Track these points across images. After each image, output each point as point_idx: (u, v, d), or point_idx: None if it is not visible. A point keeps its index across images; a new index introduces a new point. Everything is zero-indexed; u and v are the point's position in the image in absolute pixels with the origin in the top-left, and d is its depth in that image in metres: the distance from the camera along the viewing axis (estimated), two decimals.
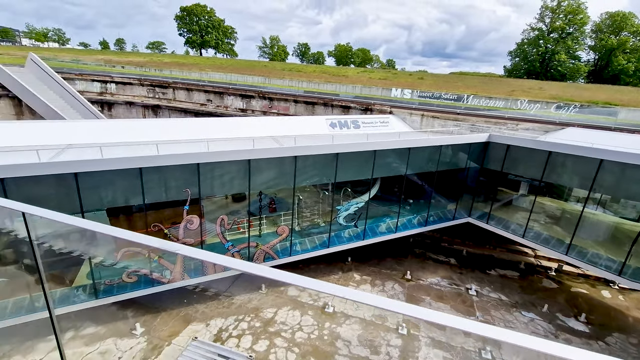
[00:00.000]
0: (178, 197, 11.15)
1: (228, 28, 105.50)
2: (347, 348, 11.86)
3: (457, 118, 21.00)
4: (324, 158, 12.92)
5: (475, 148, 16.24)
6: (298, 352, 11.44)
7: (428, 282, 16.10)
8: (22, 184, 9.00)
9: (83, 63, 40.12)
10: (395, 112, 22.66)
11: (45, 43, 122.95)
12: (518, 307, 14.74)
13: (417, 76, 50.26)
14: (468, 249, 18.77)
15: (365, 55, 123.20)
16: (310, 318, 13.06)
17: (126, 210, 11.42)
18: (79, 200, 9.66)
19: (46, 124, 16.32)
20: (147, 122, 19.45)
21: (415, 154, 14.71)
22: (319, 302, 14.08)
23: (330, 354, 11.53)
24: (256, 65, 55.20)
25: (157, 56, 71.47)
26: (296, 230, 14.04)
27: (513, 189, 17.65)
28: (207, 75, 35.98)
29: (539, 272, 17.43)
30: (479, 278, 16.54)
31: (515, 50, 71.47)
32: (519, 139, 15.06)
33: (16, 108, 27.95)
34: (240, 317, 12.89)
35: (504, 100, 25.02)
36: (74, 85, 29.67)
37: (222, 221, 12.15)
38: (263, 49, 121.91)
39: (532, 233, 15.39)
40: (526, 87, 38.05)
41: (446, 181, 16.75)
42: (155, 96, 30.93)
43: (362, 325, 13.01)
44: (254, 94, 27.65)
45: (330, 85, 32.59)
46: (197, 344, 8.74)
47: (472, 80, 48.19)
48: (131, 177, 10.09)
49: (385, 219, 16.04)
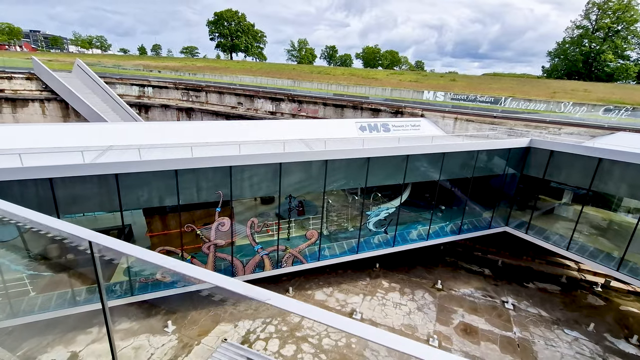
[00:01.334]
0: (210, 198, 11.34)
1: (257, 32, 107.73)
2: (376, 358, 11.54)
3: (493, 121, 20.05)
4: (355, 162, 12.70)
5: (515, 153, 15.37)
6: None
7: (460, 292, 15.41)
8: (69, 183, 9.47)
9: (123, 68, 42.33)
10: (427, 115, 22.01)
11: (90, 50, 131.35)
12: (560, 325, 13.75)
13: (448, 78, 48.77)
14: (504, 260, 17.81)
15: (394, 57, 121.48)
16: None
17: (161, 211, 11.76)
18: (119, 200, 10.04)
19: (89, 126, 17.25)
20: (180, 124, 20.10)
21: (450, 159, 14.14)
22: (346, 308, 13.84)
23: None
24: (285, 68, 55.84)
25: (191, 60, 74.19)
26: (325, 235, 13.89)
27: (555, 198, 16.56)
28: (237, 79, 36.81)
29: (583, 287, 16.21)
30: (516, 291, 15.63)
31: (555, 50, 67.62)
32: (566, 145, 14.05)
33: (63, 111, 29.90)
34: (268, 320, 12.90)
35: (545, 103, 23.58)
36: (115, 89, 31.32)
37: (253, 223, 12.23)
38: (291, 52, 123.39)
39: (577, 245, 14.32)
40: (569, 88, 35.80)
41: (482, 188, 15.99)
42: (189, 99, 32.00)
43: None
44: (283, 97, 27.89)
45: (360, 87, 32.25)
46: (226, 346, 8.79)
47: (508, 81, 46.06)
48: (167, 179, 10.38)
49: (416, 225, 15.54)
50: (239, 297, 1.63)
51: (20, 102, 28.88)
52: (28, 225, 2.22)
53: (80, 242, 1.96)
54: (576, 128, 18.35)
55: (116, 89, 31.78)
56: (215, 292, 13.52)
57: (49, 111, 29.72)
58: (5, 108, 28.42)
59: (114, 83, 32.28)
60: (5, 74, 28.45)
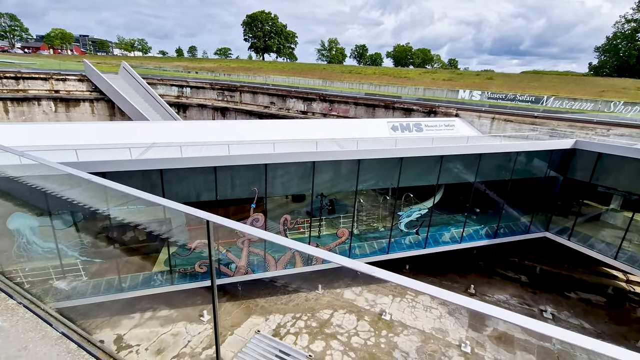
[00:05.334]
0: (245, 195, 11.75)
1: (289, 33, 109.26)
2: (404, 359, 11.45)
3: (534, 122, 19.11)
4: (388, 162, 12.64)
5: (558, 155, 14.58)
6: (354, 358, 11.33)
7: (495, 298, 14.89)
8: (117, 177, 10.21)
9: (163, 69, 44.56)
10: (462, 115, 21.37)
11: (132, 52, 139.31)
12: (605, 339, 12.92)
13: (484, 76, 46.89)
14: (542, 267, 16.95)
15: (426, 55, 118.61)
16: (367, 324, 12.86)
17: (199, 205, 12.34)
18: (162, 194, 10.68)
19: (134, 125, 18.41)
20: (217, 123, 20.91)
21: (486, 160, 13.69)
22: (375, 308, 13.81)
23: None
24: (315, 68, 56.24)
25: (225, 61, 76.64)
26: (355, 234, 13.94)
27: (602, 203, 15.50)
28: (270, 79, 37.61)
29: (632, 300, 15.11)
30: (556, 300, 14.85)
31: (604, 46, 63.07)
32: (616, 147, 13.11)
33: (110, 110, 32.04)
34: (298, 315, 13.16)
35: (592, 102, 22.05)
36: (156, 90, 33.09)
37: (286, 220, 12.53)
38: (321, 52, 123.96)
39: (626, 255, 13.36)
40: (620, 86, 33.27)
41: (520, 191, 15.30)
42: (224, 99, 33.16)
43: (421, 337, 12.45)
44: (315, 97, 28.17)
45: (392, 87, 31.87)
46: (259, 337, 9.11)
47: (550, 79, 43.54)
48: (207, 175, 10.89)
49: (449, 227, 15.18)
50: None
51: (73, 102, 31.28)
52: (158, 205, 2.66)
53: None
54: (627, 129, 17.09)
55: (157, 89, 33.56)
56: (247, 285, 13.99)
57: (98, 110, 31.95)
58: (60, 107, 30.90)
59: (155, 84, 34.11)
60: (61, 76, 30.95)
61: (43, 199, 9.23)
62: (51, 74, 30.71)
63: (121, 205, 11.64)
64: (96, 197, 10.15)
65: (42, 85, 30.39)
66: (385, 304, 13.98)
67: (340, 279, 15.31)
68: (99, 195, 10.13)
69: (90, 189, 10.39)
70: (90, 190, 10.32)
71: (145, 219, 12.05)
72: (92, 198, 10.27)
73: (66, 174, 3.23)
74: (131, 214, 12.75)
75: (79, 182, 10.01)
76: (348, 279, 15.27)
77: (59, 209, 9.97)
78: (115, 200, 10.55)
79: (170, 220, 13.09)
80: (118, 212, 10.87)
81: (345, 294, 14.56)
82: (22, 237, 10.05)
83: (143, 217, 12.52)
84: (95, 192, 10.19)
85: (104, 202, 10.23)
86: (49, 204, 9.56)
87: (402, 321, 13.19)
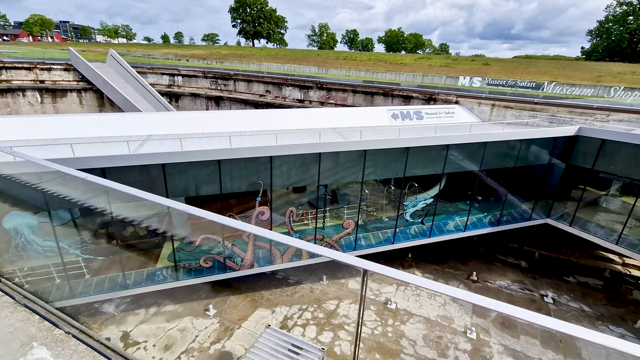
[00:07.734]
0: (250, 187, 11.50)
1: (280, 17, 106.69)
2: (413, 348, 11.57)
3: (534, 108, 19.07)
4: (394, 152, 12.47)
5: (561, 142, 14.59)
6: (363, 347, 11.41)
7: (497, 284, 15.10)
8: (116, 172, 9.81)
9: (152, 57, 43.13)
10: (462, 101, 21.22)
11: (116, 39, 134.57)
12: (604, 320, 13.27)
13: (480, 62, 46.61)
14: (541, 252, 17.22)
15: (418, 41, 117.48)
16: (373, 314, 12.93)
17: (202, 199, 12.06)
18: (165, 189, 10.36)
19: (127, 116, 17.77)
20: (213, 114, 20.37)
21: (491, 148, 13.63)
22: (380, 297, 13.88)
23: (396, 352, 11.33)
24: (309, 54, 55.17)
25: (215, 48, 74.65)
26: (360, 225, 13.86)
27: (603, 190, 15.67)
28: (264, 66, 36.74)
29: (628, 282, 15.50)
30: (556, 285, 15.13)
31: (596, 29, 63.15)
32: (620, 133, 13.13)
33: (98, 100, 30.98)
34: (304, 306, 13.16)
35: (591, 88, 22.07)
36: (147, 79, 32.03)
37: (292, 213, 12.36)
38: (312, 37, 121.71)
39: (628, 240, 13.59)
40: (614, 71, 33.42)
41: (523, 178, 15.35)
42: (218, 88, 32.31)
43: (427, 325, 12.59)
44: (312, 85, 27.63)
45: (389, 74, 31.42)
46: (270, 332, 9.01)
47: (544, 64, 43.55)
48: (210, 168, 10.57)
49: (453, 216, 15.21)
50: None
51: (60, 92, 30.12)
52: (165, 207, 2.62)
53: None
54: (626, 115, 17.16)
55: (147, 78, 32.50)
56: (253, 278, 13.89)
57: (86, 101, 30.88)
58: (46, 98, 29.76)
59: (145, 73, 33.00)
60: (45, 65, 29.67)
61: (40, 196, 8.84)
62: (35, 63, 29.40)
63: (123, 202, 11.30)
64: (95, 192, 9.78)
65: (26, 76, 29.12)
66: (390, 292, 14.05)
67: (344, 269, 15.32)
68: (98, 190, 9.76)
69: (88, 184, 10.00)
70: (89, 185, 9.94)
71: (147, 214, 11.74)
72: (91, 193, 9.90)
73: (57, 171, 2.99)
74: (134, 208, 12.41)
75: (75, 178, 9.62)
76: (352, 269, 15.27)
77: (58, 206, 9.59)
78: (116, 195, 10.21)
79: (171, 215, 12.81)
80: (119, 207, 10.53)
81: (349, 284, 14.59)
82: (20, 236, 9.69)
83: (145, 211, 12.21)
84: (93, 187, 9.80)
85: (104, 197, 9.89)
86: (47, 202, 9.18)
87: (407, 309, 13.30)
